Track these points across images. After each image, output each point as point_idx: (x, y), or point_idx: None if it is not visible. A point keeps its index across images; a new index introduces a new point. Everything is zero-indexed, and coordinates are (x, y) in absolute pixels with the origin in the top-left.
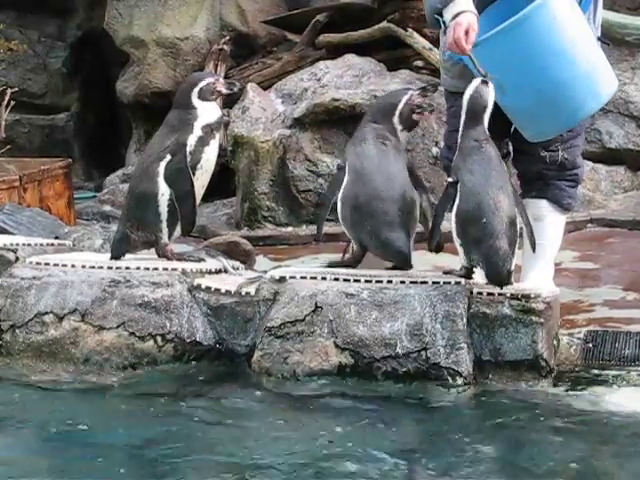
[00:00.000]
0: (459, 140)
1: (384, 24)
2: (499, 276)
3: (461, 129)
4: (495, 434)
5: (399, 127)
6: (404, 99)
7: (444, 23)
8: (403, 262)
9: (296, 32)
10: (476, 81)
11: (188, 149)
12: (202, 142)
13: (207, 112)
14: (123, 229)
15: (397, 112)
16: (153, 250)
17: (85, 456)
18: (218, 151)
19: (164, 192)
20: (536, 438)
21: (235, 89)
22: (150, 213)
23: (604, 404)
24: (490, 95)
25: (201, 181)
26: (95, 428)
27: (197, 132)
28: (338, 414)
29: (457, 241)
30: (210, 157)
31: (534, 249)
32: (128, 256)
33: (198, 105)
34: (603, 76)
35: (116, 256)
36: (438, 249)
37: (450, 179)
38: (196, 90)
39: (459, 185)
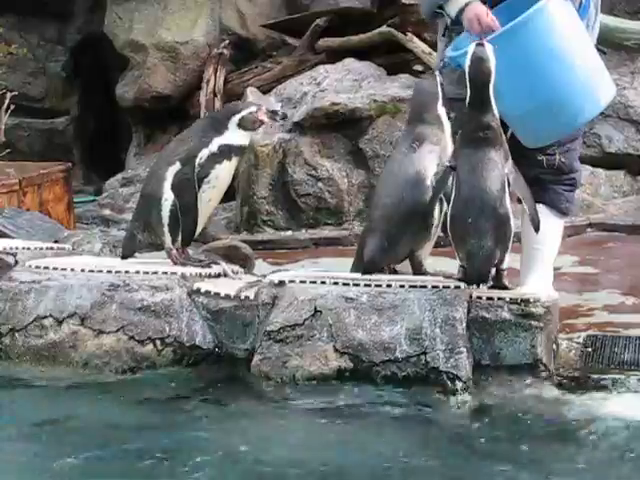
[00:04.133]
0: (464, 118)
1: (384, 28)
2: (478, 272)
3: (467, 104)
4: (494, 438)
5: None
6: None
7: (447, 15)
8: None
9: (296, 36)
10: (473, 46)
11: (197, 161)
12: (215, 158)
13: (234, 136)
14: (131, 229)
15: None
16: (156, 252)
17: (83, 459)
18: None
19: (167, 197)
20: (535, 442)
21: (278, 119)
22: (153, 216)
23: (603, 408)
24: (492, 58)
25: (208, 195)
26: (94, 431)
27: (213, 148)
28: (337, 419)
29: (449, 235)
30: (220, 175)
31: (537, 230)
32: (128, 260)
33: (233, 129)
34: (601, 81)
35: (126, 255)
36: None
37: (448, 163)
38: (237, 117)
39: (455, 174)
